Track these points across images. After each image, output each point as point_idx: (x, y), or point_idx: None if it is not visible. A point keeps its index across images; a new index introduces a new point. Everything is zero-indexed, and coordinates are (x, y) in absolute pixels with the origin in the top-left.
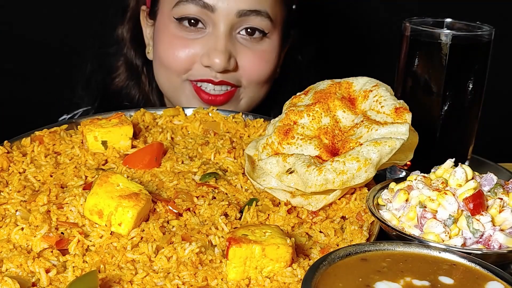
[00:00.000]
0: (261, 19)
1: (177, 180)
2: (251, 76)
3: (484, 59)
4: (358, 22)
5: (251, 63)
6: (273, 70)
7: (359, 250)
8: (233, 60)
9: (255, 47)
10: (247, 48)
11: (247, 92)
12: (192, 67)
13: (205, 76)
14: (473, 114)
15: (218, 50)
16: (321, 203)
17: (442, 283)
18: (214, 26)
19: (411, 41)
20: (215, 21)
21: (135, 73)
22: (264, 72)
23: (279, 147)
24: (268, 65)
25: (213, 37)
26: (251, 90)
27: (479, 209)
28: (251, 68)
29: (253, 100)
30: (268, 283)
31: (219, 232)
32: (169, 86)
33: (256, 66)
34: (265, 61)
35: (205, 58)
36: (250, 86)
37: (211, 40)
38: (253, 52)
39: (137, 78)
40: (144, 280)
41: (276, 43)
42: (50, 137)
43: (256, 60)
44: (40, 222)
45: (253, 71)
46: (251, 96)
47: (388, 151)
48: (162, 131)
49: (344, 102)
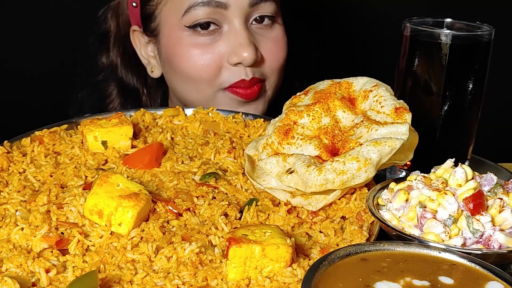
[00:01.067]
0: (270, 4)
1: (177, 180)
2: (273, 64)
3: (484, 59)
4: (358, 22)
5: (270, 52)
6: (287, 54)
7: (359, 250)
8: (258, 52)
9: (268, 34)
10: (263, 37)
11: (271, 82)
12: (221, 72)
13: (236, 77)
14: (473, 114)
15: (244, 44)
16: (321, 203)
17: (442, 283)
18: (230, 22)
19: (411, 41)
20: (229, 18)
21: (134, 96)
22: (281, 58)
23: (279, 147)
24: (284, 50)
25: (233, 33)
26: (274, 79)
27: (479, 209)
28: (272, 55)
29: (275, 88)
30: (268, 283)
31: (219, 232)
32: (200, 99)
33: (275, 52)
34: (281, 47)
35: (232, 57)
36: (273, 75)
37: (231, 37)
38: (270, 39)
39: (135, 101)
40: (144, 280)
41: (283, 27)
42: (50, 137)
43: (274, 48)
44: (40, 222)
45: (274, 57)
46: (275, 85)
47: (388, 151)
48: (162, 131)
49: (344, 102)
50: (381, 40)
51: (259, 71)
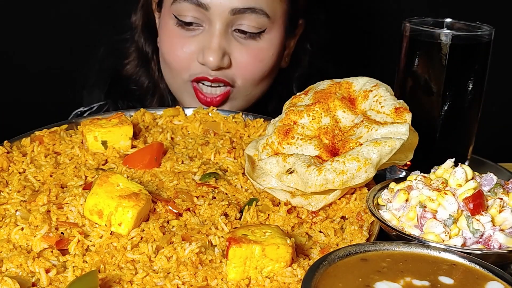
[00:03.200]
0: (257, 16)
1: (177, 180)
2: (245, 75)
3: (484, 59)
4: (358, 22)
5: (245, 62)
6: (269, 68)
7: (359, 250)
8: (227, 58)
9: (250, 44)
10: (242, 46)
11: (241, 92)
12: (191, 65)
13: (201, 73)
14: (473, 114)
15: (212, 49)
16: (321, 203)
17: (442, 283)
18: (210, 24)
19: (411, 41)
20: (210, 19)
21: (145, 60)
22: (258, 71)
23: (279, 147)
24: (263, 64)
25: (208, 34)
26: (247, 89)
27: (479, 209)
28: (245, 67)
29: (250, 98)
30: (268, 283)
31: (219, 232)
32: (173, 85)
33: (250, 65)
34: (259, 60)
35: (200, 56)
36: (246, 85)
37: (206, 38)
38: (248, 50)
39: (146, 65)
40: (144, 280)
41: (276, 40)
42: (50, 137)
43: (251, 59)
44: (40, 222)
45: (247, 69)
46: (246, 95)
47: (388, 151)
48: (162, 131)
49: (344, 102)
50: (381, 40)
51: (227, 75)
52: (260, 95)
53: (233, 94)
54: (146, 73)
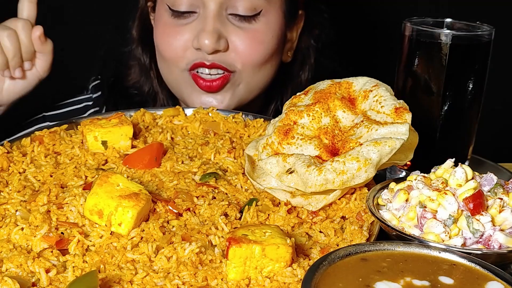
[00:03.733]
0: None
1: (177, 180)
2: (245, 58)
3: (484, 59)
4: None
5: (243, 44)
6: (270, 51)
7: (359, 250)
8: (223, 41)
9: (247, 26)
10: (239, 28)
11: (243, 77)
12: (186, 53)
13: (197, 59)
14: (473, 114)
15: (206, 31)
16: (321, 203)
17: (442, 283)
18: (204, 6)
19: (411, 41)
20: (204, 2)
21: (146, 70)
22: (258, 53)
23: (279, 147)
24: (263, 46)
25: (202, 18)
26: (248, 74)
27: (479, 209)
28: (244, 50)
29: (252, 85)
30: (268, 283)
31: (219, 232)
32: (171, 78)
33: (248, 47)
34: (258, 42)
35: (195, 41)
36: (246, 70)
37: (200, 23)
38: (245, 32)
39: (146, 74)
40: (144, 280)
41: (273, 23)
42: (50, 137)
43: (248, 41)
44: (40, 222)
45: (246, 52)
46: (248, 81)
47: (388, 151)
48: (162, 131)
49: (344, 102)
50: (381, 40)
51: (225, 60)
52: (262, 86)
53: (234, 79)
54: (148, 83)
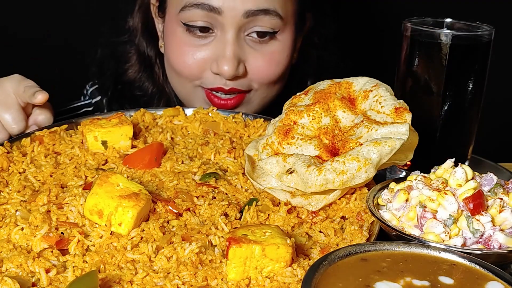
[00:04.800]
0: (270, 17)
1: (177, 180)
2: (261, 80)
3: (484, 59)
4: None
5: (260, 67)
6: (284, 69)
7: (359, 250)
8: (242, 66)
9: (264, 49)
10: (256, 51)
11: (258, 94)
12: (203, 74)
13: (215, 84)
14: (473, 114)
15: (227, 58)
16: (321, 203)
17: (442, 283)
18: (222, 29)
19: (411, 41)
20: (223, 24)
21: (148, 64)
22: (274, 74)
23: (279, 147)
24: (279, 67)
25: (221, 42)
26: (263, 91)
27: (479, 209)
28: (261, 72)
29: (265, 101)
30: (268, 283)
31: (219, 232)
32: (181, 90)
33: (265, 69)
34: (275, 63)
35: (214, 66)
36: (262, 89)
37: (219, 46)
38: (262, 54)
39: (150, 69)
40: (144, 280)
41: (288, 41)
42: (50, 137)
43: (266, 64)
44: (40, 222)
45: (263, 74)
46: (263, 97)
47: (388, 151)
48: (162, 131)
49: (344, 102)
50: (381, 40)
51: (243, 83)
52: (274, 97)
53: (249, 97)
54: (150, 78)
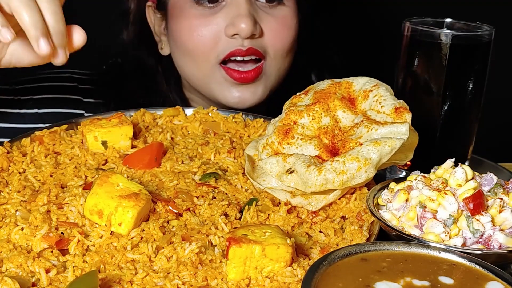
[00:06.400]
0: None
1: (177, 180)
2: (276, 44)
3: (484, 59)
4: (358, 22)
5: (275, 30)
6: (295, 37)
7: (359, 250)
8: (258, 26)
9: (275, 13)
10: (268, 15)
11: (274, 65)
12: (218, 45)
13: (232, 47)
14: (473, 114)
15: (243, 15)
16: (321, 203)
17: (442, 283)
18: None
19: (411, 41)
20: None
21: (149, 75)
22: (287, 39)
23: (279, 147)
24: (291, 32)
25: (234, 5)
26: (278, 61)
27: (479, 209)
28: (276, 35)
29: (281, 73)
30: (268, 283)
31: (219, 232)
32: (198, 75)
33: (280, 32)
34: (287, 28)
35: (230, 28)
36: (276, 57)
37: (232, 9)
38: (275, 18)
39: (151, 80)
40: (144, 280)
41: (294, 7)
42: (50, 137)
43: (279, 27)
44: (40, 222)
45: (277, 38)
46: (278, 69)
47: (388, 151)
48: (162, 131)
49: (344, 102)
50: (381, 40)
51: (259, 44)
52: (285, 74)
53: (265, 68)
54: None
